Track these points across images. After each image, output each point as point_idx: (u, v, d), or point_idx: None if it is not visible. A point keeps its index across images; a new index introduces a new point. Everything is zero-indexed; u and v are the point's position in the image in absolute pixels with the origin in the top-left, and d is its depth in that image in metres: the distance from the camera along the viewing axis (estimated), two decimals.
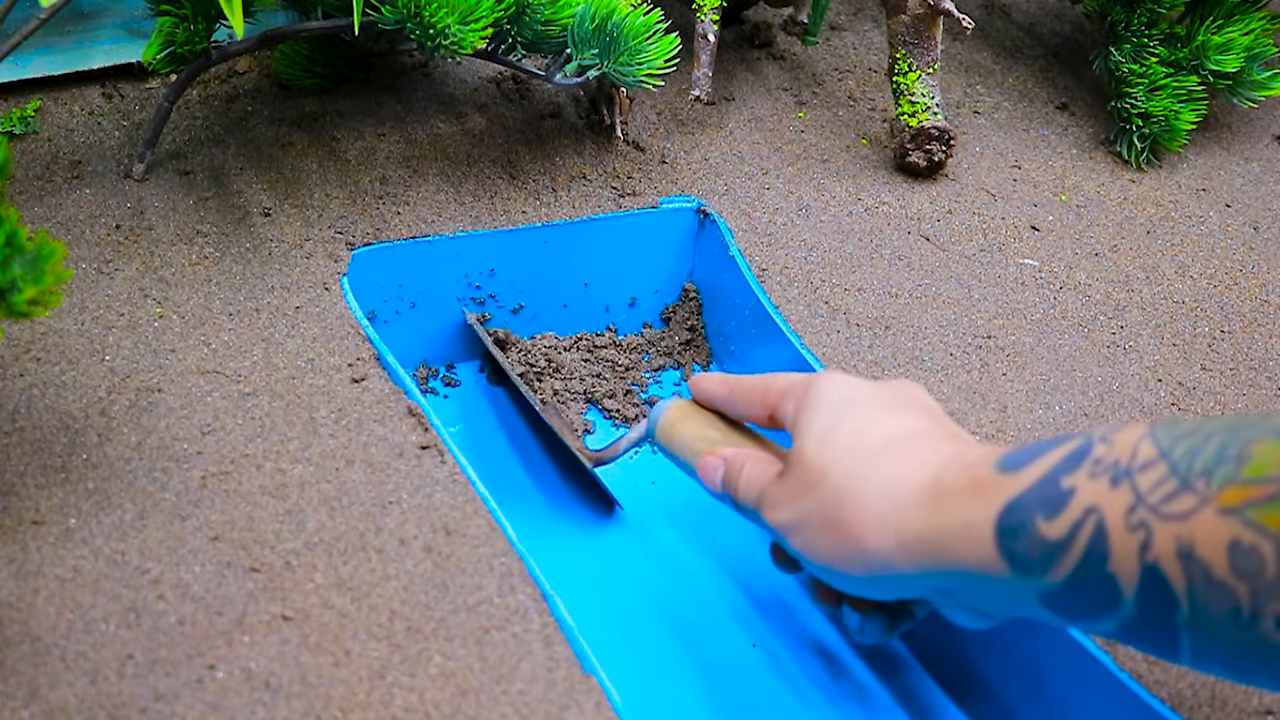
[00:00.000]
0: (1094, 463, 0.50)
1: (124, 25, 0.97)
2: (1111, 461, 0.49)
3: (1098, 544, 0.48)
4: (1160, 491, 0.47)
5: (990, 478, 0.53)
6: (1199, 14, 1.05)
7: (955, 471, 0.54)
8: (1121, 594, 0.48)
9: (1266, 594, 0.44)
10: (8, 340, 0.76)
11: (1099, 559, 0.48)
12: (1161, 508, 0.47)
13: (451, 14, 0.81)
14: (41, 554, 0.66)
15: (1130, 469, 0.48)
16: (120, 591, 0.65)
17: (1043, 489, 0.51)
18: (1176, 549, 0.46)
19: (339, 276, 0.84)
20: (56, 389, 0.74)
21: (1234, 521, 0.45)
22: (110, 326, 0.78)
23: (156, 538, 0.67)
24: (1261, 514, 0.44)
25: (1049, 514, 0.50)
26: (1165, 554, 0.46)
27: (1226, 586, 0.45)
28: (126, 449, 0.71)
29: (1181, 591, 0.46)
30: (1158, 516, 0.47)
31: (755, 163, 0.99)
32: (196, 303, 0.81)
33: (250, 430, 0.73)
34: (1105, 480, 0.49)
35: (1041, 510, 0.50)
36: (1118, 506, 0.48)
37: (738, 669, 0.76)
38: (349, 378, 0.78)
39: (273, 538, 0.68)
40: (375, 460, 0.73)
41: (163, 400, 0.74)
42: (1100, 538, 0.48)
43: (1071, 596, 0.50)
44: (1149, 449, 0.48)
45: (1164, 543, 0.46)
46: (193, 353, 0.78)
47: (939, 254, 0.93)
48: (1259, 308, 0.93)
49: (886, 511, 0.55)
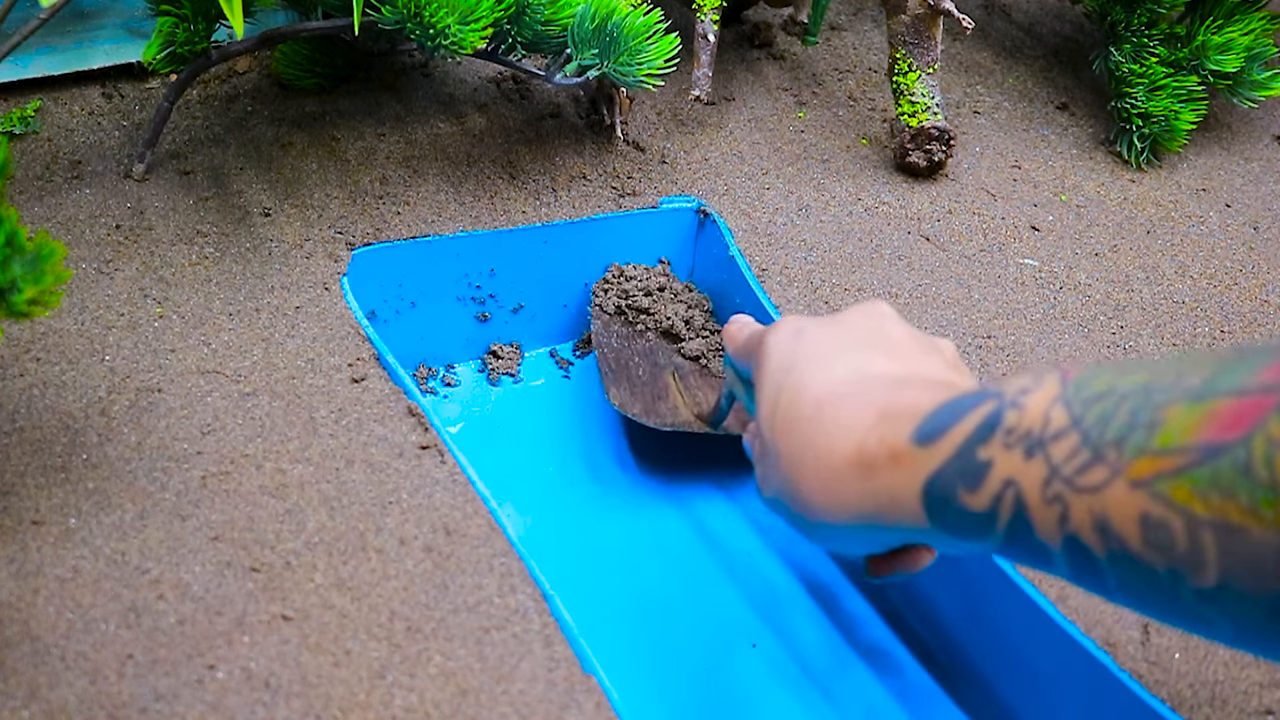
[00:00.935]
0: (1006, 432, 0.49)
1: (124, 25, 0.97)
2: (1024, 431, 0.48)
3: (1020, 515, 0.48)
4: (1073, 463, 0.46)
5: (908, 450, 0.52)
6: (1199, 14, 1.05)
7: (874, 443, 0.53)
8: (1052, 555, 0.48)
9: (1181, 567, 0.44)
10: (8, 340, 0.76)
11: (1024, 528, 0.48)
12: (1075, 480, 0.46)
13: (451, 14, 0.81)
14: (41, 554, 0.66)
15: (1043, 439, 0.47)
16: (120, 591, 0.65)
17: (959, 461, 0.50)
18: (1092, 522, 0.45)
19: (339, 276, 0.84)
20: (56, 389, 0.74)
21: (1144, 495, 0.44)
22: (110, 326, 0.78)
23: (156, 538, 0.67)
24: (1170, 487, 0.43)
25: (970, 486, 0.49)
26: (1083, 526, 0.46)
27: (1143, 559, 0.44)
28: (126, 449, 0.71)
29: (1103, 560, 0.46)
30: (1072, 489, 0.46)
31: (755, 163, 0.99)
32: (196, 303, 0.81)
33: (250, 430, 0.73)
34: (1019, 451, 0.48)
35: (962, 482, 0.50)
36: (1033, 478, 0.47)
37: (738, 669, 0.76)
38: (349, 378, 0.78)
39: (273, 538, 0.68)
40: (375, 460, 0.73)
41: (163, 400, 0.74)
42: (1021, 510, 0.48)
43: (1012, 554, 0.50)
44: (1061, 416, 0.47)
45: (1080, 515, 0.46)
46: (193, 353, 0.78)
47: (939, 254, 0.93)
48: (1259, 308, 0.93)
49: (827, 484, 0.55)
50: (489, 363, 0.92)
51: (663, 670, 0.75)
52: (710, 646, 0.77)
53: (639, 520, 0.84)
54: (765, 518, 0.85)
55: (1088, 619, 0.71)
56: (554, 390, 0.92)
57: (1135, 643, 0.70)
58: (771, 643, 0.78)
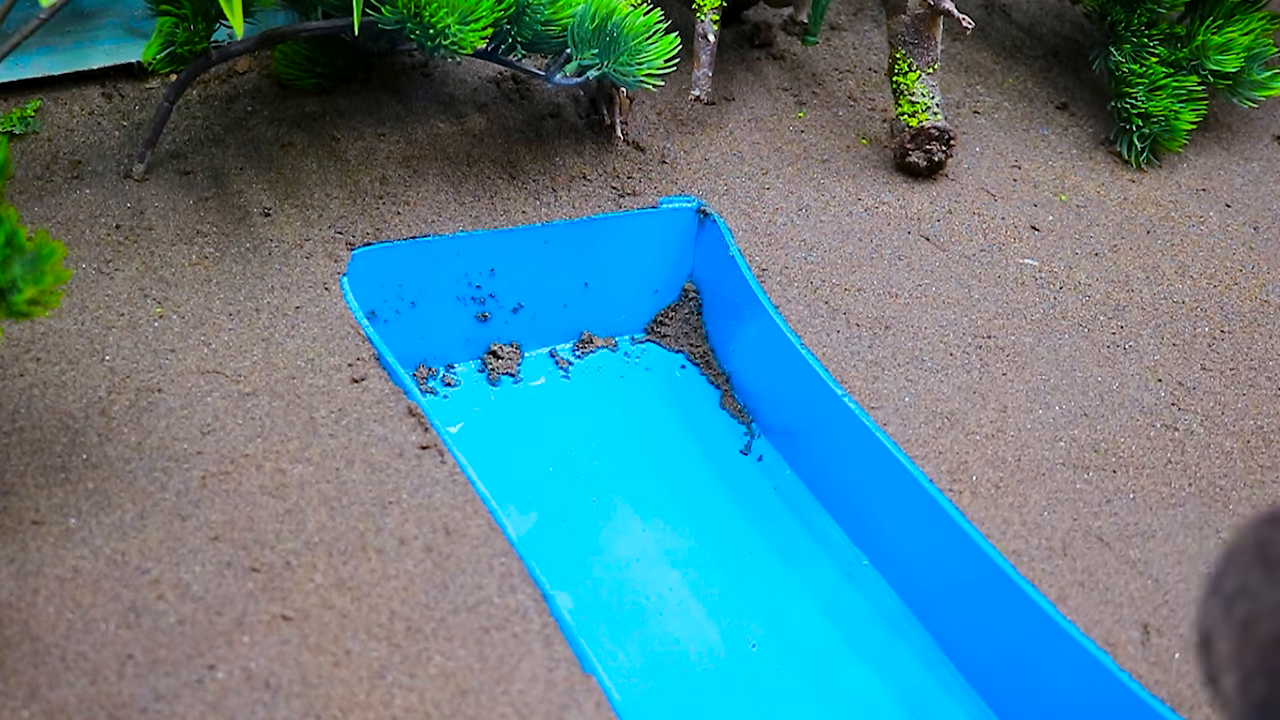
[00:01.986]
0: None
1: (124, 25, 0.97)
2: None
3: None
4: None
5: None
6: (1199, 14, 1.05)
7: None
8: None
9: None
10: (8, 340, 0.76)
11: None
12: None
13: (451, 14, 0.81)
14: (41, 554, 0.66)
15: None
16: (120, 591, 0.65)
17: None
18: None
19: (339, 276, 0.84)
20: (56, 389, 0.74)
21: None
22: (110, 326, 0.78)
23: (156, 538, 0.67)
24: None
25: None
26: None
27: None
28: (126, 449, 0.71)
29: None
30: None
31: (755, 163, 0.99)
32: (197, 303, 0.81)
33: (250, 430, 0.73)
34: None
35: None
36: None
37: (738, 669, 0.76)
38: (349, 378, 0.78)
39: (273, 538, 0.68)
40: (375, 460, 0.73)
41: (163, 400, 0.74)
42: None
43: None
44: None
45: None
46: (193, 353, 0.78)
47: (939, 254, 0.93)
48: (1259, 308, 0.93)
49: None
50: (489, 363, 0.92)
51: (663, 670, 0.75)
52: (710, 646, 0.77)
53: (638, 520, 0.84)
54: (766, 517, 0.85)
55: (1088, 619, 0.71)
56: (554, 390, 0.92)
57: (1135, 643, 0.70)
58: (771, 643, 0.78)
